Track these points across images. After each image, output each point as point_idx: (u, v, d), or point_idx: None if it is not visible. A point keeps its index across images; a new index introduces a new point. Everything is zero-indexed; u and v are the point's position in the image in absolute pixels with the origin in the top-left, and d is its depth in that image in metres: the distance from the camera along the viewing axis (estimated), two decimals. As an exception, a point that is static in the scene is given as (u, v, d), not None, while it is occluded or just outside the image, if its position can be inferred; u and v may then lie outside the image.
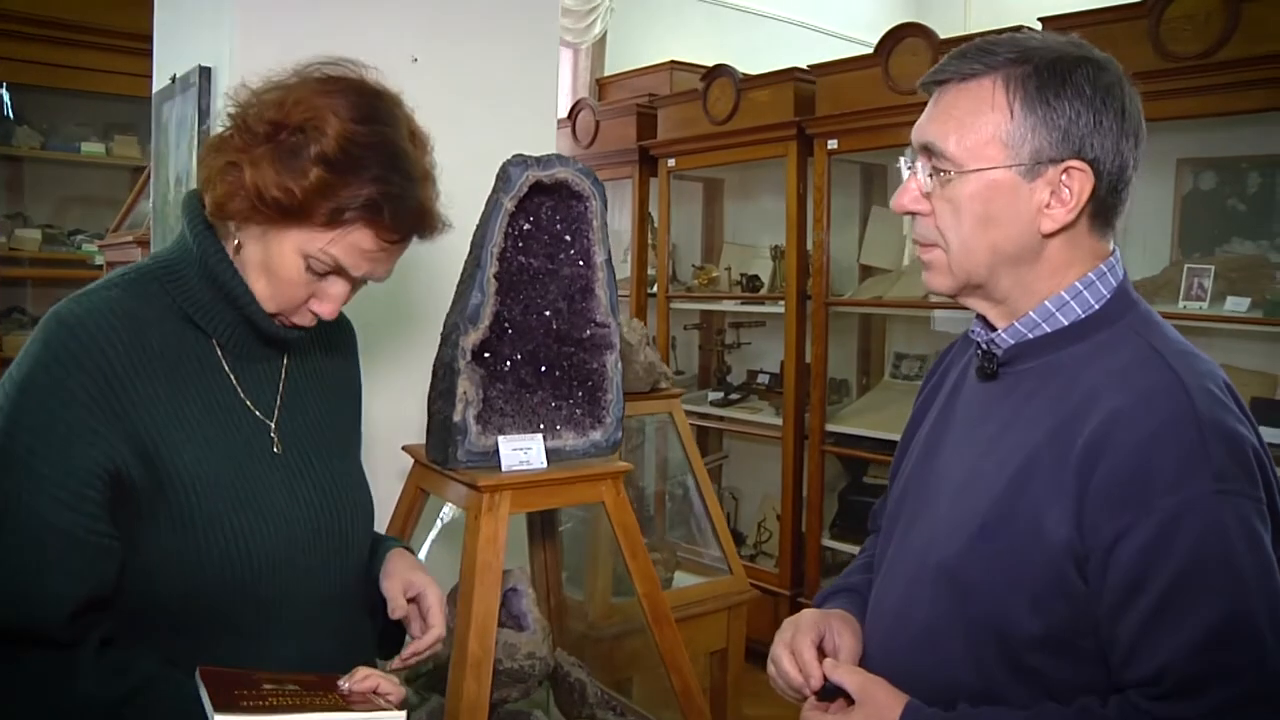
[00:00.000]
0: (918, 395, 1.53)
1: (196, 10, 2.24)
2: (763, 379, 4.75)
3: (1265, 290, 3.14)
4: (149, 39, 2.58)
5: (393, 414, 2.00)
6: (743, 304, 4.72)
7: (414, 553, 1.57)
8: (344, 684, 1.30)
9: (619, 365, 1.84)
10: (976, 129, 1.18)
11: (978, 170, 1.18)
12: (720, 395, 4.79)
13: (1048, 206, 1.18)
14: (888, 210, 4.41)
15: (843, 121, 4.01)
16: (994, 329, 1.28)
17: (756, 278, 4.64)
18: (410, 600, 1.47)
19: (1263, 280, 3.20)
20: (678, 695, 1.87)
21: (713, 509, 2.95)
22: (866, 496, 4.18)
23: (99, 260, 4.33)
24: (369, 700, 1.29)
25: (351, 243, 1.30)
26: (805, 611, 1.41)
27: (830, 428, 4.18)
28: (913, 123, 1.28)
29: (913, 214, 1.27)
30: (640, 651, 2.55)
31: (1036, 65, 1.17)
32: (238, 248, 1.34)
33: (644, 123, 4.93)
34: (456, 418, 1.70)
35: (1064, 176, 1.17)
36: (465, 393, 1.70)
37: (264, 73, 1.36)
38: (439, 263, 2.12)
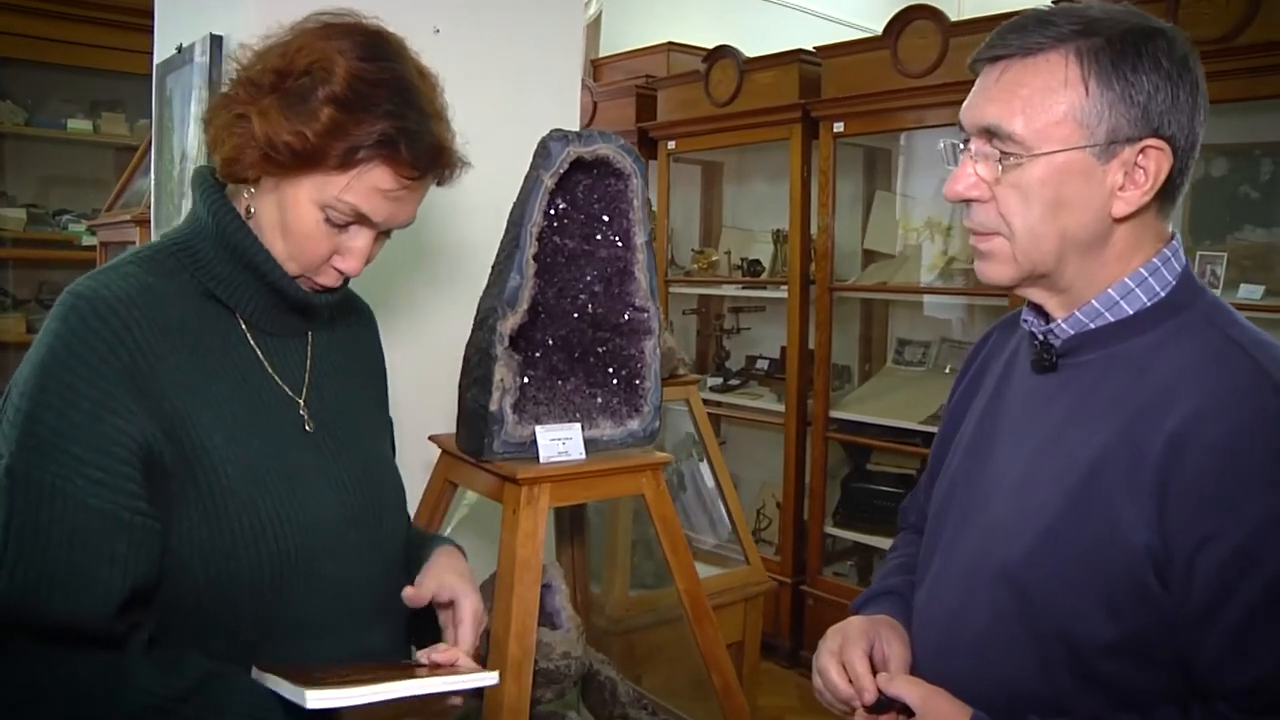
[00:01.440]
0: (954, 388, 1.45)
1: (206, -21, 2.14)
2: (762, 365, 4.69)
3: (1279, 278, 3.11)
4: (141, 13, 2.49)
5: (418, 402, 1.91)
6: (743, 289, 4.66)
7: (464, 554, 1.49)
8: (423, 656, 1.26)
9: (658, 352, 1.77)
10: (1047, 108, 1.10)
11: (1049, 153, 1.10)
12: (719, 381, 4.73)
13: (1121, 189, 1.11)
14: (891, 194, 4.40)
15: (850, 104, 3.94)
16: (1048, 318, 1.21)
17: (757, 262, 4.57)
18: (444, 605, 1.39)
19: (1276, 268, 3.18)
20: (718, 693, 1.80)
21: (730, 498, 2.89)
22: (870, 484, 4.15)
23: (87, 240, 4.20)
24: (456, 668, 1.23)
25: (370, 184, 1.24)
26: (852, 620, 1.34)
27: (833, 414, 4.13)
28: (921, 106, 1.21)
29: (968, 201, 1.19)
30: (658, 644, 2.50)
31: (1108, 37, 1.09)
32: (249, 212, 1.28)
33: (643, 104, 4.84)
34: (493, 406, 1.62)
35: (1140, 156, 1.10)
36: (502, 380, 1.62)
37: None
38: (464, 242, 2.05)
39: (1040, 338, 1.22)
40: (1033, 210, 1.13)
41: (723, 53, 4.40)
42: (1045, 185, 1.11)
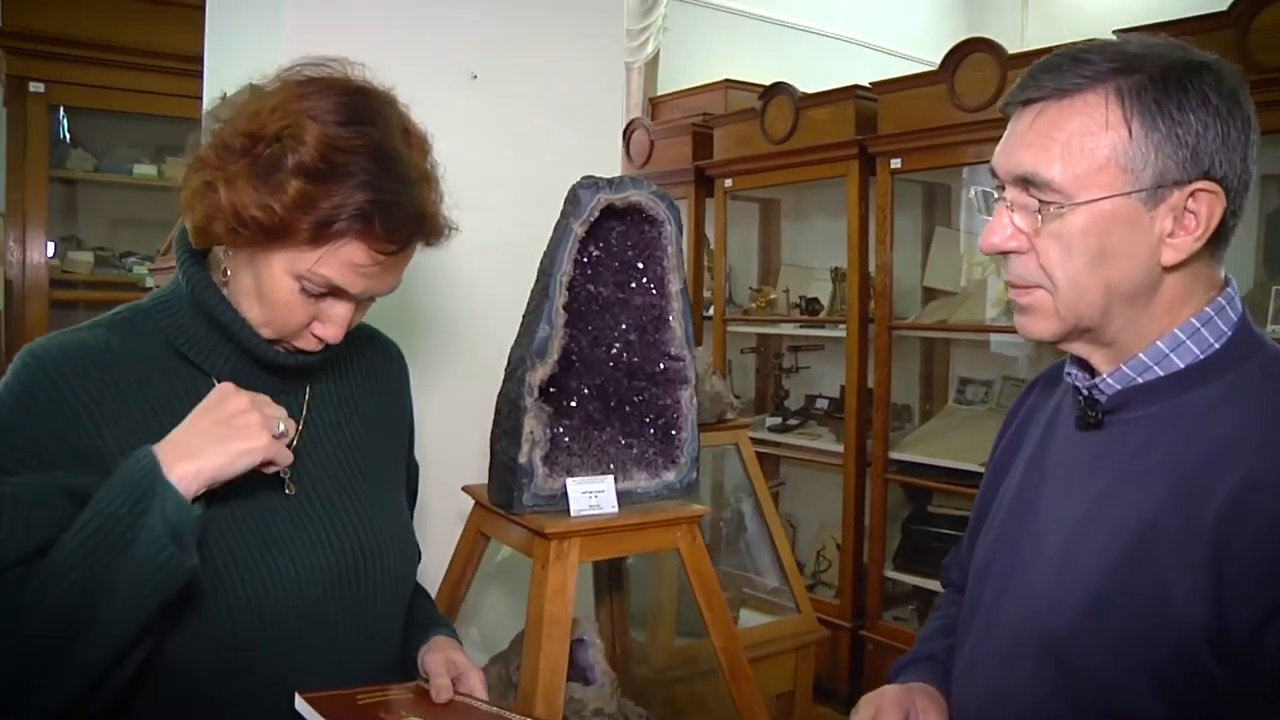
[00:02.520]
0: (996, 442, 1.38)
1: (249, 26, 2.16)
2: (821, 404, 4.62)
3: (1360, 313, 2.99)
4: (201, 60, 2.52)
5: (450, 451, 1.89)
6: (801, 327, 4.59)
7: (461, 645, 1.43)
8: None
9: (694, 401, 1.72)
10: (1088, 152, 1.02)
11: (1091, 201, 1.03)
12: (778, 420, 4.67)
13: (1170, 236, 1.03)
14: (951, 231, 4.32)
15: (906, 140, 3.87)
16: (1093, 372, 1.13)
17: (816, 300, 4.51)
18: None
19: (1358, 303, 3.05)
20: (757, 755, 1.74)
21: (780, 545, 2.82)
22: (931, 526, 4.05)
23: (149, 283, 4.29)
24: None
25: (344, 259, 1.17)
26: (886, 689, 1.27)
27: (893, 455, 4.04)
28: (980, 141, 1.14)
29: (1005, 253, 1.12)
30: (703, 694, 2.43)
31: (1150, 74, 1.02)
32: (226, 275, 1.24)
33: (699, 142, 4.83)
34: (522, 459, 1.58)
35: (1190, 200, 1.02)
36: (532, 432, 1.59)
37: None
38: (499, 289, 2.02)
39: (1085, 393, 1.15)
40: (1075, 261, 1.05)
41: (778, 89, 4.37)
42: (1088, 235, 1.04)
